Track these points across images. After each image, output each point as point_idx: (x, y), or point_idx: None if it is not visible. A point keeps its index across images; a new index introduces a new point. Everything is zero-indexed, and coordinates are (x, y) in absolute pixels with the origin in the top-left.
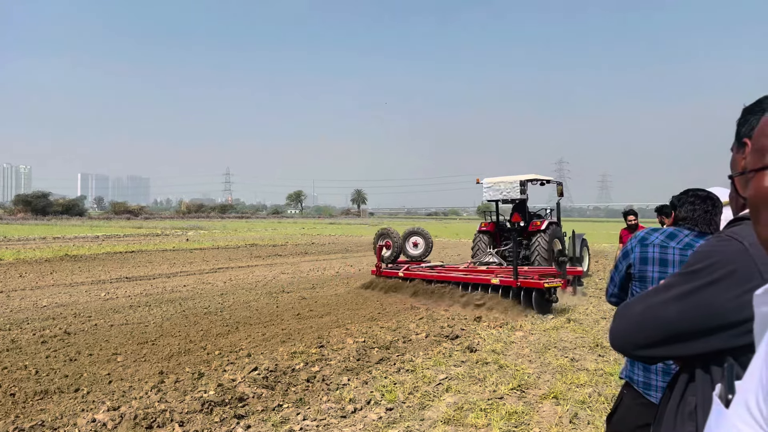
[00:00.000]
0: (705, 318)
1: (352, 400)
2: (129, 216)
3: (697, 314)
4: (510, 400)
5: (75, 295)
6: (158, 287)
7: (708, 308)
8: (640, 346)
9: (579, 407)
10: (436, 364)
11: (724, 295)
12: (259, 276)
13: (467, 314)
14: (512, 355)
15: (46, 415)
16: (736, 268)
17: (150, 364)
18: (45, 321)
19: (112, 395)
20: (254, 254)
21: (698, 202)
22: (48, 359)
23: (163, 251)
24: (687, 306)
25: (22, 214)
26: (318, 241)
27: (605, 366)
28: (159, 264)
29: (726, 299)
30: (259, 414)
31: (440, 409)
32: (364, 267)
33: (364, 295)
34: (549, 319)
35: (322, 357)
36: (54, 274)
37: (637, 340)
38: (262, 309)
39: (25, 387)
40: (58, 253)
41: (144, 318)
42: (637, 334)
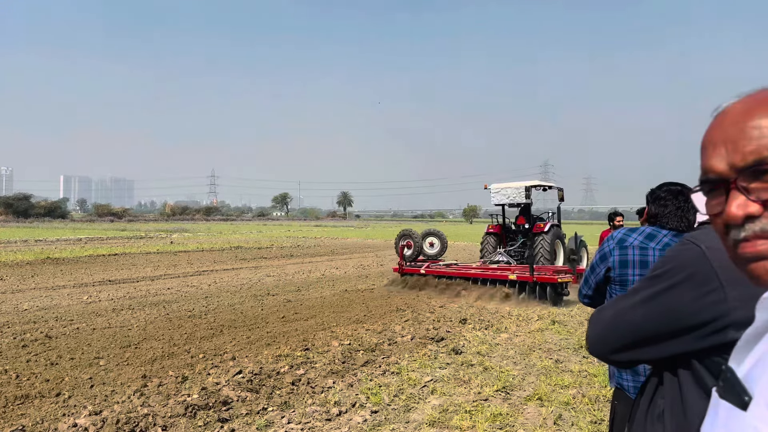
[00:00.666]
0: (668, 321)
1: (338, 403)
2: (112, 218)
3: (661, 318)
4: (495, 401)
5: (57, 299)
6: (142, 290)
7: (670, 312)
8: (614, 350)
9: (563, 409)
10: (421, 367)
11: (684, 298)
12: (244, 279)
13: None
14: (497, 357)
15: (27, 420)
16: (694, 271)
17: (133, 367)
18: (26, 325)
19: (94, 399)
20: (239, 257)
21: (670, 198)
22: (29, 363)
23: (147, 254)
24: (651, 310)
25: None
26: (304, 243)
27: (589, 367)
28: (143, 267)
29: (686, 302)
30: (243, 417)
31: (425, 412)
32: (350, 269)
33: (349, 298)
34: (534, 320)
35: (307, 360)
36: (35, 278)
37: (611, 345)
38: (246, 312)
39: (5, 392)
40: (39, 256)
41: (127, 321)
42: (610, 339)
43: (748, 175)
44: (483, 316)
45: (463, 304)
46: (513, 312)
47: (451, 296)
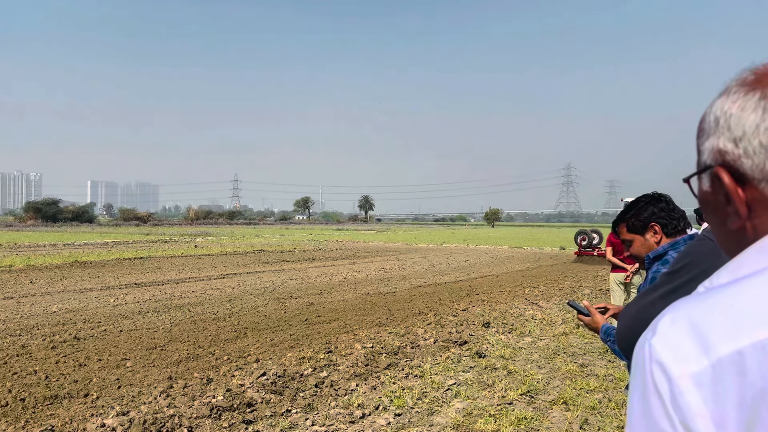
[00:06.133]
0: None
1: (361, 406)
2: (138, 223)
3: None
4: (519, 405)
5: (84, 301)
6: (167, 293)
7: None
8: None
9: (589, 413)
10: (444, 370)
11: None
12: (267, 282)
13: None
14: (521, 360)
15: (56, 420)
16: (710, 266)
17: (159, 369)
18: (55, 327)
19: (122, 400)
20: (262, 260)
21: (656, 209)
22: (58, 364)
23: (172, 257)
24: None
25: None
26: (325, 247)
27: (615, 372)
28: (168, 270)
29: None
30: (267, 419)
31: (449, 415)
32: (371, 273)
33: (371, 301)
34: (558, 324)
35: (331, 362)
36: (64, 281)
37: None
38: (270, 315)
39: (35, 392)
40: (67, 259)
41: (153, 324)
42: (634, 335)
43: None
44: (506, 320)
45: (486, 308)
46: (537, 315)
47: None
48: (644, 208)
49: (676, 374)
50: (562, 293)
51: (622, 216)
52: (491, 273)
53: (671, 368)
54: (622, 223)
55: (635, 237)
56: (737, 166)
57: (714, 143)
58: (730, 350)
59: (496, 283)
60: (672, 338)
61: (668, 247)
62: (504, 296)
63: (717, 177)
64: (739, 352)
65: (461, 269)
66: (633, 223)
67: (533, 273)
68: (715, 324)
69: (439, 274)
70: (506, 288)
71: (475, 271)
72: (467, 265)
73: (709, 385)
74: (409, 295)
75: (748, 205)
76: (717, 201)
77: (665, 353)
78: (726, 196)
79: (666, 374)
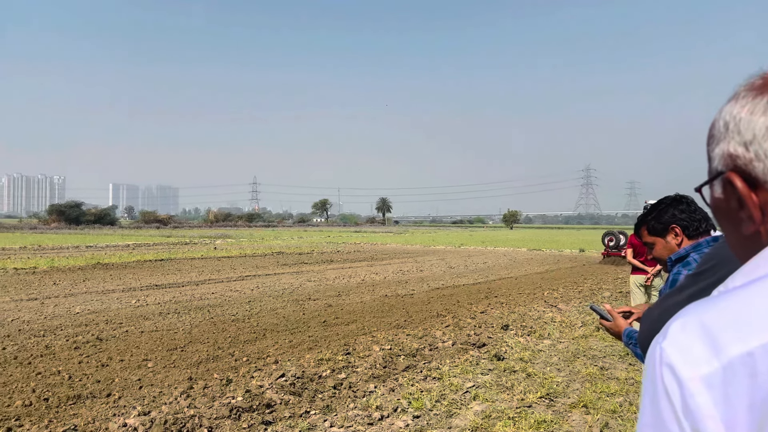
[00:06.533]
0: None
1: (379, 408)
2: (158, 225)
3: None
4: (539, 408)
5: (107, 302)
6: (187, 295)
7: None
8: None
9: (610, 417)
10: (463, 372)
11: None
12: (285, 284)
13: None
14: (540, 363)
15: (79, 420)
16: (733, 268)
17: (179, 370)
18: (78, 327)
19: (143, 400)
20: (281, 262)
21: (677, 211)
22: (81, 365)
23: (192, 259)
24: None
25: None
26: (343, 249)
27: (636, 375)
28: (188, 272)
29: None
30: (286, 420)
31: (468, 418)
32: (389, 275)
33: (389, 303)
34: (577, 327)
35: (349, 364)
36: (86, 282)
37: None
38: (288, 316)
39: (58, 392)
40: (90, 261)
41: (173, 325)
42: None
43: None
44: (525, 322)
45: (505, 310)
46: (556, 318)
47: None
48: (665, 211)
49: (686, 377)
50: (581, 296)
51: (643, 218)
52: (510, 275)
53: (681, 371)
54: (643, 225)
55: (656, 239)
56: (749, 170)
57: (725, 148)
58: (740, 352)
59: (515, 285)
60: (682, 341)
61: (690, 249)
62: (523, 298)
63: (729, 182)
64: (749, 354)
65: (479, 271)
66: (654, 225)
67: (552, 275)
68: (725, 326)
69: (457, 277)
70: (525, 290)
71: (493, 273)
72: (485, 268)
73: (720, 387)
74: (427, 297)
75: (761, 209)
76: (729, 207)
77: (675, 356)
78: (739, 201)
79: (676, 377)
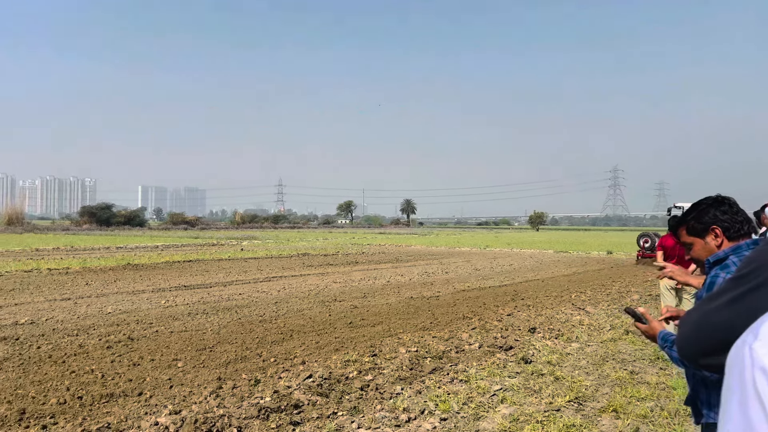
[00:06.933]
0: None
1: (406, 410)
2: (186, 226)
3: (747, 319)
4: (567, 412)
5: (137, 303)
6: (215, 295)
7: (756, 313)
8: (702, 353)
9: (640, 422)
10: (490, 375)
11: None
12: (311, 285)
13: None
14: (568, 366)
15: (112, 418)
16: None
17: (208, 370)
18: (110, 327)
19: (174, 399)
20: (306, 263)
21: (719, 212)
22: (113, 364)
23: (219, 260)
24: (737, 311)
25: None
26: (368, 250)
27: (667, 380)
28: (215, 273)
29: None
30: (314, 421)
31: (495, 421)
32: (414, 277)
33: (415, 305)
34: (606, 330)
35: (375, 366)
36: (117, 282)
37: (698, 348)
38: (315, 317)
39: (91, 390)
40: (120, 262)
41: (202, 325)
42: (697, 342)
43: None
44: (553, 325)
45: (531, 312)
46: (584, 321)
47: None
48: (706, 211)
49: None
50: (609, 298)
51: (683, 218)
52: (536, 277)
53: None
54: (683, 225)
55: (695, 240)
56: None
57: None
58: None
59: (542, 287)
60: None
61: (730, 251)
62: (550, 301)
63: None
64: None
65: (505, 273)
66: (693, 225)
67: (579, 277)
68: None
69: (483, 279)
70: (552, 293)
71: (519, 275)
72: (511, 270)
73: None
74: (453, 299)
75: None
76: None
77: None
78: None
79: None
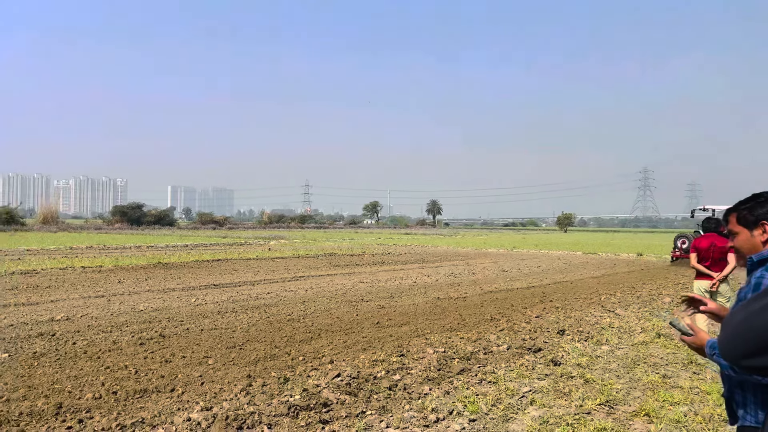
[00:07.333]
0: None
1: (435, 410)
2: (214, 226)
3: None
4: (598, 416)
5: (168, 301)
6: (244, 294)
7: None
8: (745, 354)
9: (674, 427)
10: (518, 377)
11: None
12: (338, 285)
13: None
14: (599, 369)
15: (146, 413)
16: None
17: (238, 367)
18: (142, 324)
19: (205, 396)
20: (333, 263)
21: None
22: (146, 360)
23: (247, 260)
24: None
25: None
26: (394, 251)
27: (701, 384)
28: (243, 272)
29: None
30: (343, 420)
31: (525, 422)
32: (441, 278)
33: (442, 306)
34: (637, 333)
35: (403, 366)
36: (148, 281)
37: (741, 349)
38: (342, 317)
39: (125, 386)
40: (151, 260)
41: (231, 323)
42: (740, 343)
43: None
44: (582, 327)
45: (560, 314)
46: (614, 323)
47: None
48: (762, 205)
49: None
50: (640, 301)
51: (738, 206)
52: (565, 279)
53: None
54: (734, 213)
55: (742, 230)
56: None
57: None
58: None
59: (571, 289)
60: None
61: None
62: (579, 303)
63: None
64: None
65: (533, 275)
66: (745, 215)
67: (609, 279)
68: None
69: (511, 280)
70: (581, 295)
71: (547, 277)
72: (539, 271)
73: None
74: (480, 300)
75: None
76: None
77: None
78: None
79: None
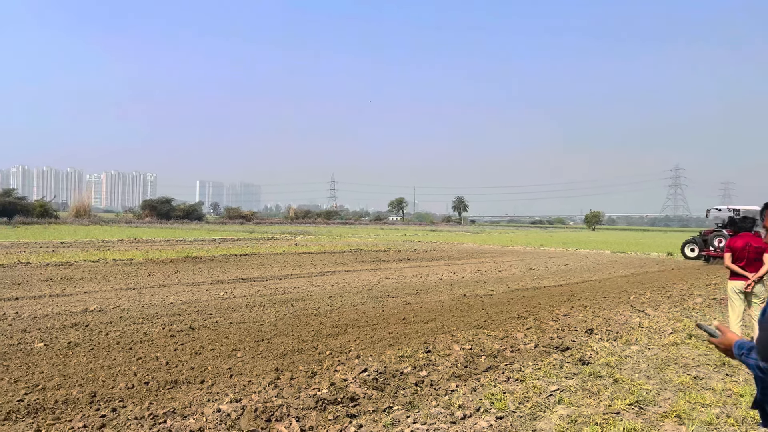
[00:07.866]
0: None
1: (461, 407)
2: (242, 221)
3: None
4: (627, 416)
5: (197, 294)
6: (271, 288)
7: None
8: None
9: (705, 428)
10: (546, 375)
11: None
12: (364, 280)
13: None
14: (628, 369)
15: (177, 404)
16: None
17: (266, 360)
18: (172, 317)
19: (234, 388)
20: (359, 259)
21: None
22: (176, 352)
23: (274, 255)
24: None
25: (149, 218)
26: (420, 247)
27: (734, 386)
28: (271, 266)
29: None
30: (370, 414)
31: (552, 421)
32: (467, 275)
33: (468, 303)
34: (667, 333)
35: (429, 362)
36: (178, 274)
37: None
38: (368, 312)
39: (157, 377)
40: (180, 254)
41: (259, 317)
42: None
43: None
44: (611, 327)
45: (588, 314)
46: (644, 323)
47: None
48: None
49: None
50: (670, 301)
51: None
52: (593, 278)
53: None
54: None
55: None
56: None
57: None
58: None
59: (599, 288)
60: None
61: None
62: (608, 302)
63: None
64: None
65: (561, 273)
66: None
67: (638, 279)
68: None
69: (538, 278)
70: (610, 294)
71: (575, 275)
72: (567, 270)
73: None
74: (507, 298)
75: None
76: None
77: None
78: None
79: None
